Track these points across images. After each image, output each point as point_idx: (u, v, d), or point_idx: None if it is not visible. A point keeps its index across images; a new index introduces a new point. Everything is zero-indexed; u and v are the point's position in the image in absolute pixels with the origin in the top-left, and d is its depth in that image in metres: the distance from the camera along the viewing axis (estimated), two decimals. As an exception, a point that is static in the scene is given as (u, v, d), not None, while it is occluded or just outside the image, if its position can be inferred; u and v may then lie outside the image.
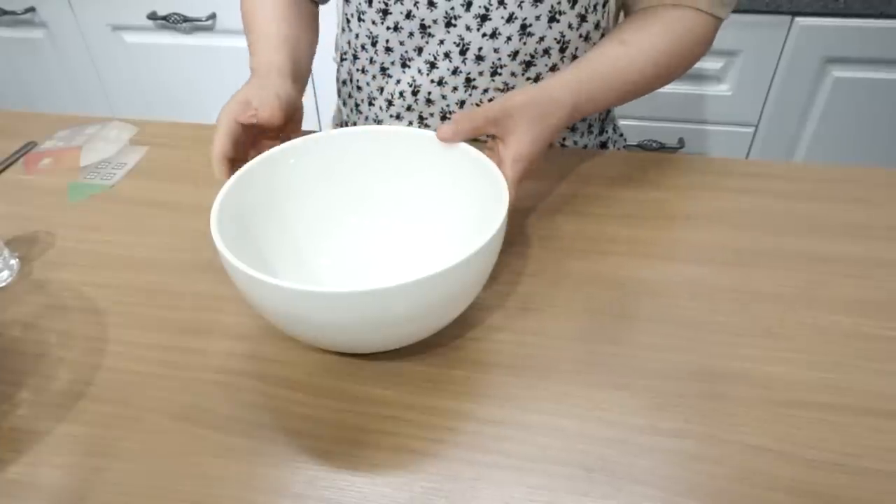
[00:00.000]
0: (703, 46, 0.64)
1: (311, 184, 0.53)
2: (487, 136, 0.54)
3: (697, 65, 1.21)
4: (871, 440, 0.41)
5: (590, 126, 0.75)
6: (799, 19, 1.10)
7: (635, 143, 1.31)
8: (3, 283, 0.55)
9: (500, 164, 0.49)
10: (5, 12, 1.41)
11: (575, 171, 0.65)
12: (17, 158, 0.68)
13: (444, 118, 0.68)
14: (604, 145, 0.79)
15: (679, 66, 0.63)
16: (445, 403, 0.44)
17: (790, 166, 0.67)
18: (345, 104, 0.79)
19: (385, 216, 0.55)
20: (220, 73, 1.38)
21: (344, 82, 0.77)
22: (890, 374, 0.44)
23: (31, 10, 1.40)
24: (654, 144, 1.30)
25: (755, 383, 0.44)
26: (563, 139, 0.73)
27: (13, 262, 0.56)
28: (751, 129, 1.25)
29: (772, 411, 0.42)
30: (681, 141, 1.29)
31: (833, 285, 0.51)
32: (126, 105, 1.47)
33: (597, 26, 0.65)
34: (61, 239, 0.59)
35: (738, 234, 0.56)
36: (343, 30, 0.73)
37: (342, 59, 0.76)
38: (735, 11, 1.10)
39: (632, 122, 1.30)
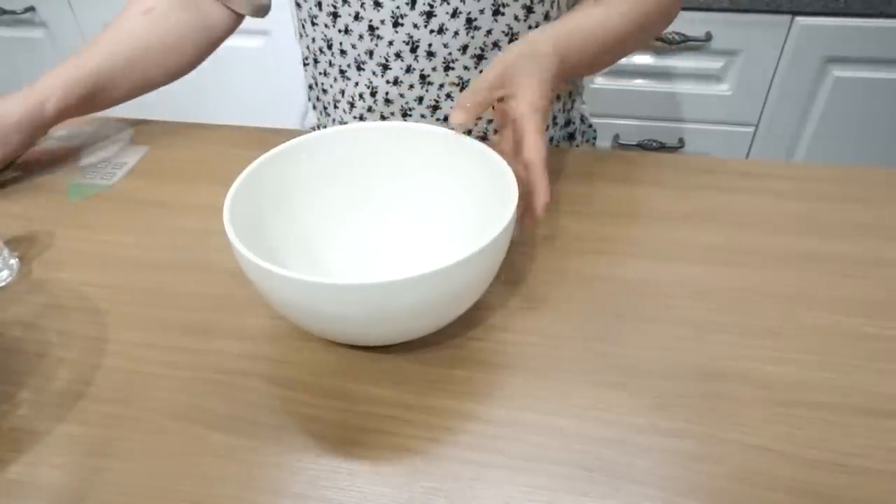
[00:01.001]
0: (677, 6, 0.65)
1: (321, 180, 0.54)
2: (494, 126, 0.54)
3: (697, 64, 1.22)
4: (871, 440, 0.41)
5: (554, 118, 0.75)
6: (799, 19, 1.10)
7: (635, 143, 1.31)
8: (3, 283, 0.55)
9: (518, 121, 0.50)
10: (5, 12, 1.41)
11: (574, 171, 0.65)
12: (17, 158, 0.68)
13: (405, 115, 0.70)
14: (571, 136, 0.79)
15: (655, 23, 0.64)
16: (445, 403, 0.44)
17: (790, 166, 0.67)
18: (314, 108, 0.80)
19: (394, 211, 0.55)
20: (220, 73, 1.38)
21: (311, 86, 0.78)
22: (890, 374, 0.44)
23: (31, 9, 1.40)
24: (654, 144, 1.30)
25: (755, 383, 0.44)
26: None
27: (13, 261, 0.56)
28: (751, 129, 1.25)
29: (772, 411, 0.42)
30: (681, 141, 1.29)
31: (833, 285, 0.51)
32: (126, 105, 1.47)
33: (546, 16, 0.66)
34: (61, 239, 0.59)
35: (738, 234, 0.56)
36: (301, 35, 0.74)
37: (305, 64, 0.76)
38: (735, 11, 1.11)
39: (632, 122, 1.30)
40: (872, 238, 0.55)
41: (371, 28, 0.64)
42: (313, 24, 0.68)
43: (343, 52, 0.67)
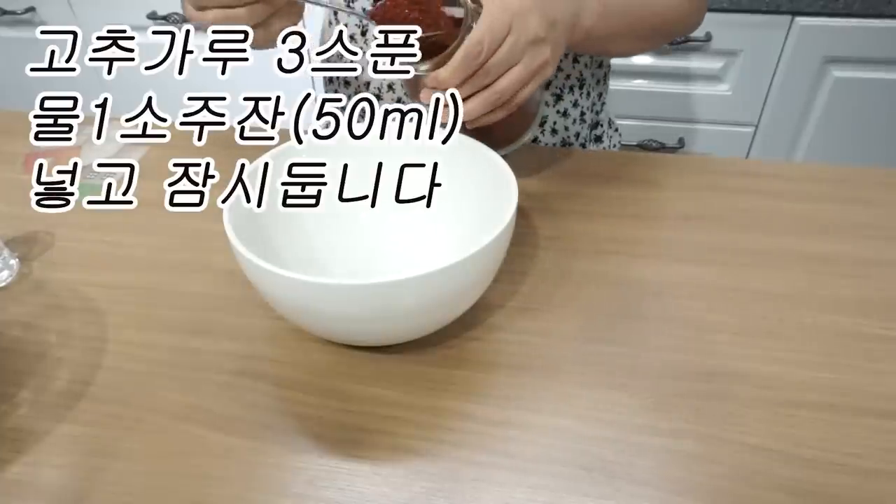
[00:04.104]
0: (697, 15, 0.69)
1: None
2: None
3: (697, 64, 1.22)
4: (871, 440, 0.41)
5: (582, 114, 0.74)
6: (799, 19, 1.10)
7: (635, 143, 1.31)
8: (3, 283, 0.55)
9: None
10: (5, 12, 1.41)
11: (574, 171, 0.65)
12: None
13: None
14: (598, 139, 0.79)
15: (690, 19, 0.68)
16: (446, 403, 0.44)
17: (790, 166, 0.67)
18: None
19: (394, 211, 0.55)
20: (220, 73, 1.38)
21: (330, 80, 0.77)
22: (890, 374, 0.44)
23: (31, 10, 1.40)
24: (654, 144, 1.30)
25: (755, 383, 0.44)
26: (555, 123, 0.73)
27: (13, 262, 0.56)
28: (751, 129, 1.25)
29: (772, 411, 0.42)
30: (681, 141, 1.29)
31: (833, 285, 0.51)
32: (124, 104, 1.47)
33: None
34: (61, 239, 0.59)
35: (738, 234, 0.56)
36: (330, 22, 0.73)
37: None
38: (735, 11, 1.11)
39: (632, 122, 1.30)
40: (872, 238, 0.55)
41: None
42: (349, 4, 0.67)
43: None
